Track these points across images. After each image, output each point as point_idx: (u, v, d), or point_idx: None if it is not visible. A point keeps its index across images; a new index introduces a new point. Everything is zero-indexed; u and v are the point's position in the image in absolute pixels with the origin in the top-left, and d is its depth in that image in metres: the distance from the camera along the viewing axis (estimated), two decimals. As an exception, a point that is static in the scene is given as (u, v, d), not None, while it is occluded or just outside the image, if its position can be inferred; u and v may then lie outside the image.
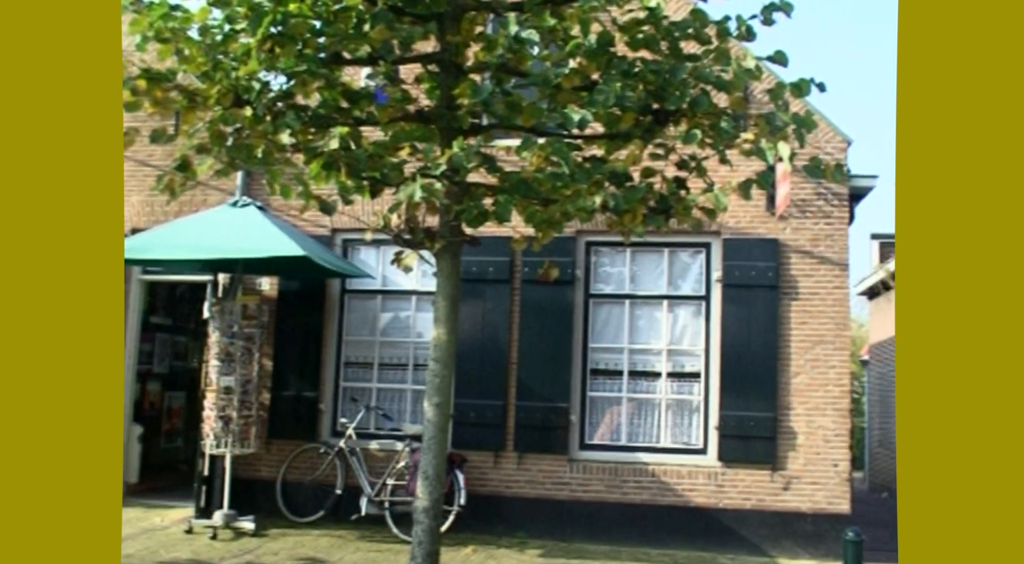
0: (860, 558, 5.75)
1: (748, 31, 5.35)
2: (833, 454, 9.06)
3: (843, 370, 9.23)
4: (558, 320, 9.51)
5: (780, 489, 9.03)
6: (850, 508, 9.07)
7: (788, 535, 8.96)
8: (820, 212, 9.35)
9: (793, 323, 9.21)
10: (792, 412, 9.10)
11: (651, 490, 9.17)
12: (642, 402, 9.56)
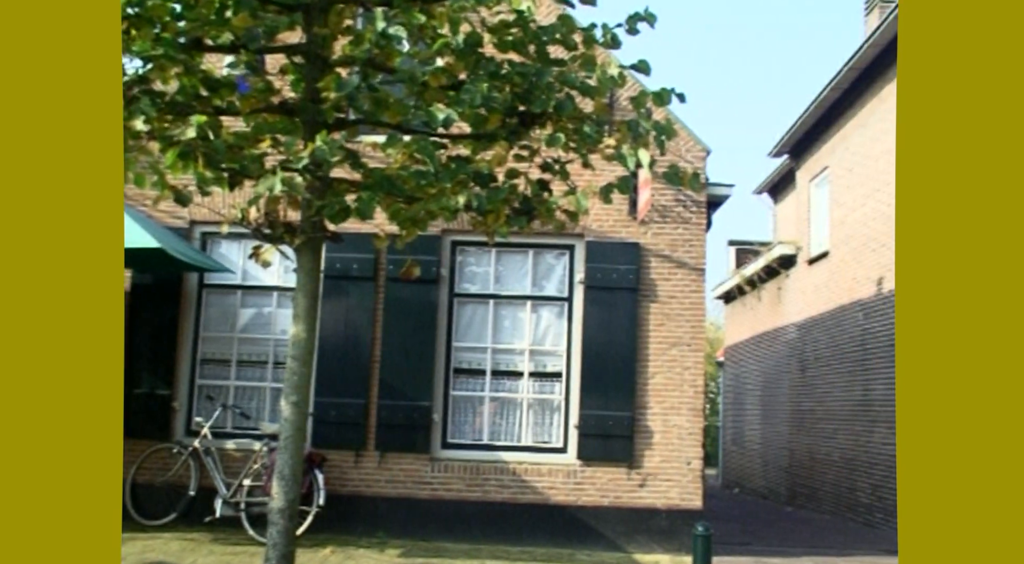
0: (709, 552, 5.97)
1: (613, 39, 5.46)
2: (687, 452, 9.38)
3: (698, 371, 9.56)
4: (422, 319, 9.48)
5: (636, 486, 9.28)
6: (702, 504, 9.40)
7: (643, 531, 9.22)
8: (679, 218, 9.66)
9: (651, 325, 9.48)
10: (649, 411, 9.37)
11: (512, 489, 9.26)
12: (504, 401, 9.65)
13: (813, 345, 15.76)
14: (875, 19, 14.38)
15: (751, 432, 20.06)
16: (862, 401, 13.32)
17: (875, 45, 12.62)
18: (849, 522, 13.34)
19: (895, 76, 12.55)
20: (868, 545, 10.69)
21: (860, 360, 13.51)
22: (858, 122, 14.05)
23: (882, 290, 12.81)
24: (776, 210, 20.81)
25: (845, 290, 14.30)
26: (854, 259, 13.98)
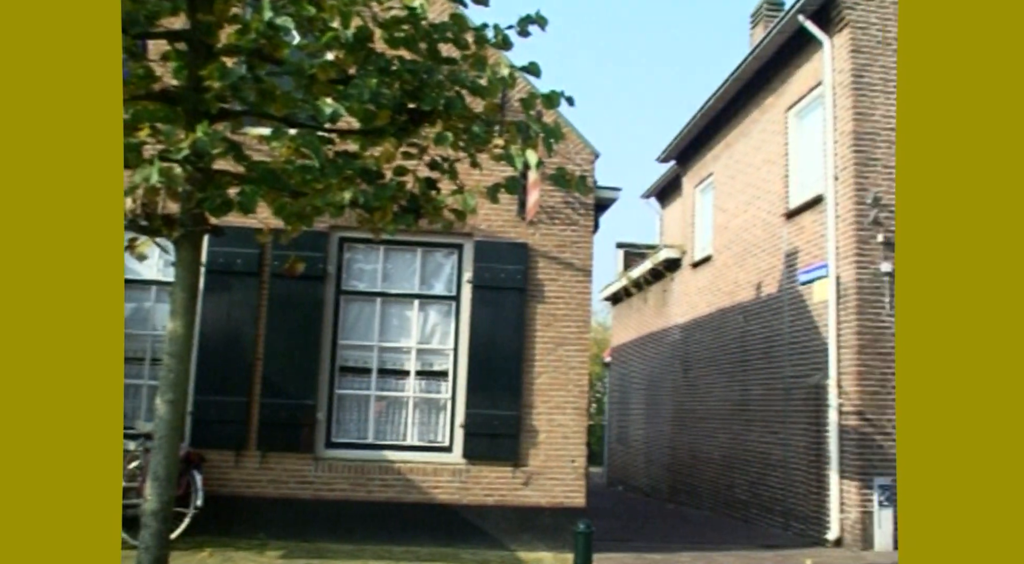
0: (589, 548, 6.06)
1: (505, 40, 5.48)
2: (571, 451, 9.50)
3: (583, 371, 9.70)
4: (308, 316, 9.33)
5: (521, 485, 9.35)
6: (585, 501, 9.54)
7: (528, 529, 9.29)
8: (567, 219, 9.79)
9: (538, 325, 9.58)
10: (535, 411, 9.45)
11: (396, 488, 9.20)
12: (390, 400, 9.58)
13: (696, 346, 16.20)
14: (760, 32, 14.89)
15: (635, 431, 20.47)
16: (740, 401, 13.77)
17: (759, 58, 13.05)
18: (727, 518, 13.76)
19: (776, 88, 13.03)
20: (745, 540, 11.05)
21: (739, 361, 13.96)
22: (741, 131, 14.52)
23: (761, 294, 13.28)
24: (663, 214, 21.30)
25: (726, 293, 14.76)
26: (735, 263, 14.44)
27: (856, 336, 10.35)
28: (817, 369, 11.13)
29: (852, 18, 10.85)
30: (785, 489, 11.93)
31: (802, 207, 11.98)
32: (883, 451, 10.21)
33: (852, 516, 10.21)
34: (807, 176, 12.20)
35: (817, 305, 11.29)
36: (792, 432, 11.81)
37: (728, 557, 9.58)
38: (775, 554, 9.91)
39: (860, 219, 10.50)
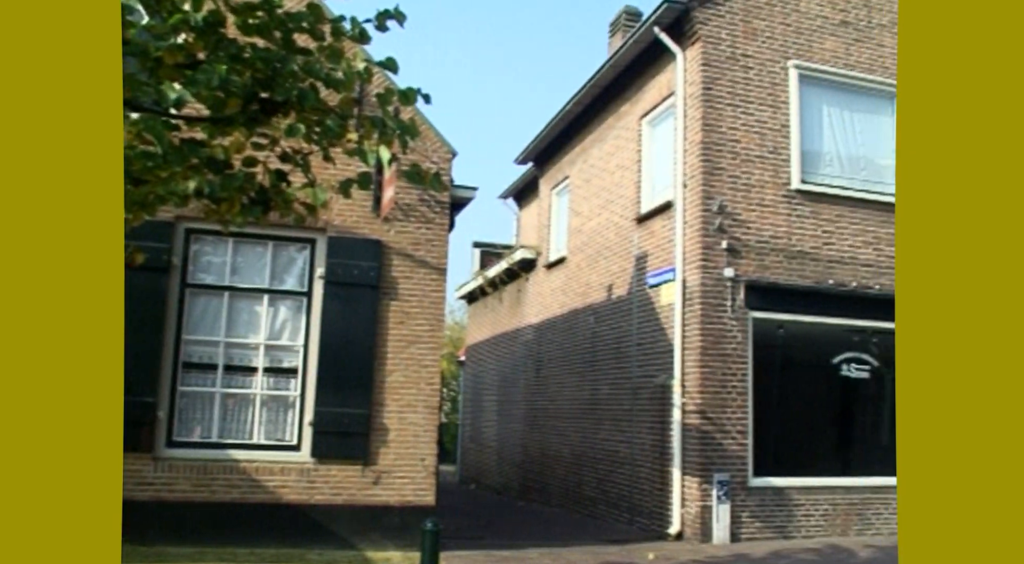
0: (436, 547, 6.06)
1: (362, 34, 5.40)
2: (422, 449, 9.48)
3: (435, 369, 9.70)
4: (149, 309, 8.93)
5: (371, 484, 9.26)
6: (436, 500, 9.54)
7: (377, 528, 9.21)
8: (423, 217, 9.76)
9: (391, 323, 9.51)
10: (385, 409, 9.38)
11: (241, 488, 8.94)
12: (237, 398, 9.30)
13: (548, 346, 16.46)
14: (618, 41, 15.27)
15: (488, 429, 20.62)
16: (590, 400, 14.09)
17: (615, 66, 13.38)
18: (575, 514, 14.04)
19: (631, 96, 13.39)
20: (591, 536, 11.30)
21: (589, 361, 14.28)
22: (596, 137, 14.85)
23: (612, 296, 13.62)
24: (520, 215, 21.54)
25: (579, 294, 15.07)
26: (588, 265, 14.76)
27: (700, 338, 10.77)
28: (663, 369, 11.51)
29: (704, 33, 11.28)
30: (631, 485, 12.29)
31: (653, 212, 12.36)
32: (722, 448, 10.66)
33: (692, 511, 10.61)
34: (658, 182, 12.61)
35: (664, 307, 11.68)
36: (638, 430, 12.18)
37: (575, 552, 9.77)
38: (620, 548, 10.18)
39: (706, 226, 10.93)
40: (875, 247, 11.84)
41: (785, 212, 11.37)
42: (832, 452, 15.73)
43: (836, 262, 11.55)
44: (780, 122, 11.54)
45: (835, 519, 11.21)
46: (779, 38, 11.72)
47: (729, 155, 11.18)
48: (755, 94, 11.45)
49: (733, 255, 10.99)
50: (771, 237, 11.24)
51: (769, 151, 11.41)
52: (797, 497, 11.06)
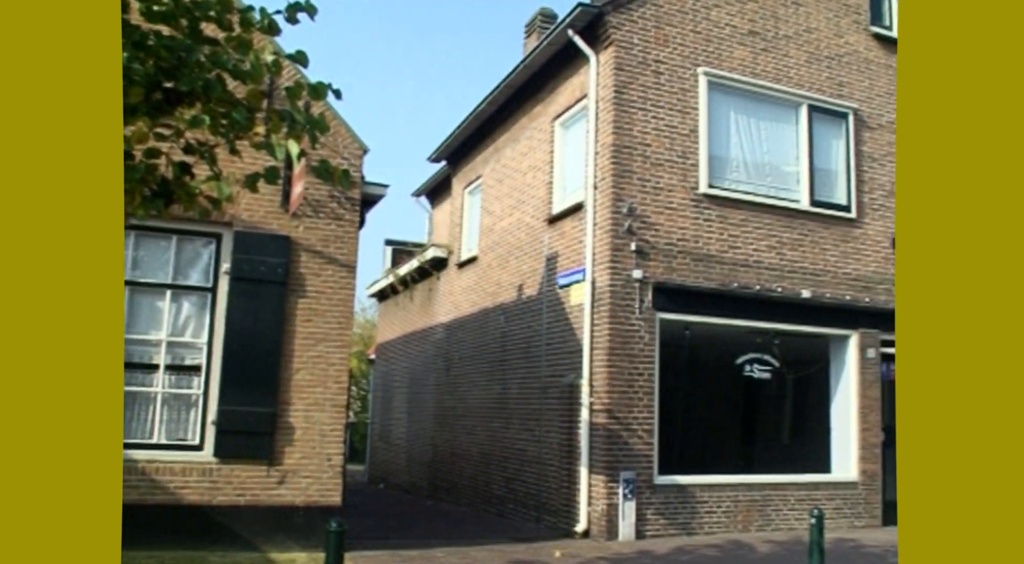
0: (341, 547, 5.97)
1: (271, 25, 5.31)
2: (329, 448, 9.36)
3: (343, 367, 9.58)
4: (45, 304, 8.58)
5: (275, 484, 9.10)
6: (342, 500, 9.42)
7: (282, 529, 9.05)
8: (332, 214, 9.63)
9: (299, 320, 9.36)
10: (291, 408, 9.23)
11: (140, 489, 8.67)
12: (136, 396, 9.01)
13: (459, 345, 16.45)
14: (533, 42, 15.35)
15: (398, 428, 20.50)
16: (500, 399, 14.13)
17: (529, 67, 13.44)
18: (484, 513, 14.06)
19: (545, 97, 13.48)
20: (499, 534, 11.33)
21: (499, 361, 14.33)
22: (510, 137, 14.91)
23: (522, 296, 13.69)
24: (433, 214, 21.48)
25: (490, 294, 15.10)
26: (499, 265, 14.81)
27: (608, 338, 10.91)
28: (572, 369, 11.63)
29: (617, 37, 11.43)
30: (539, 484, 12.37)
31: (564, 213, 12.47)
32: (629, 447, 10.82)
33: (599, 508, 10.74)
34: (570, 184, 12.72)
35: (574, 308, 11.79)
36: (547, 429, 12.27)
37: (482, 551, 9.78)
38: (526, 547, 10.24)
39: (616, 227, 11.08)
40: (778, 251, 12.18)
41: (693, 216, 11.61)
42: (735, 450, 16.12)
43: (741, 265, 11.85)
44: (689, 127, 11.77)
45: (736, 516, 11.50)
46: (690, 45, 11.95)
47: (639, 158, 11.35)
48: (666, 99, 11.66)
49: (642, 257, 11.17)
50: (679, 240, 11.46)
51: (678, 155, 11.62)
52: (700, 494, 11.30)
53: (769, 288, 12.03)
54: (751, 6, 12.57)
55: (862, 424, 12.74)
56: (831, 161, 13.06)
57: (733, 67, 12.23)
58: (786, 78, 12.68)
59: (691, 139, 11.76)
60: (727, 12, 12.34)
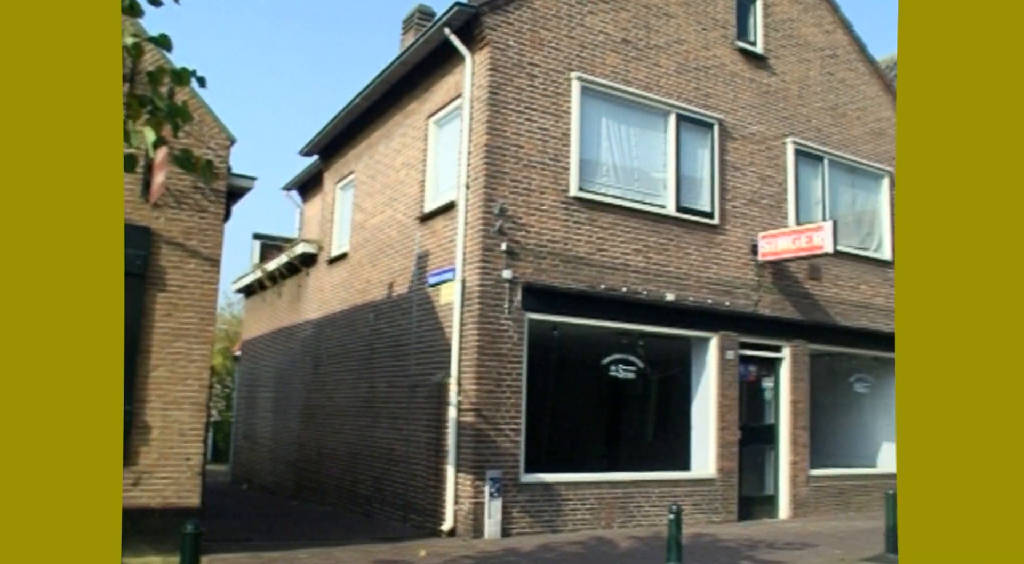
0: (196, 550, 5.79)
1: (133, 6, 5.10)
2: (188, 448, 9.06)
3: (204, 364, 9.28)
4: None
5: (130, 485, 8.73)
6: (201, 501, 9.13)
7: (136, 532, 8.69)
8: (196, 205, 9.32)
9: (158, 315, 9.02)
10: (148, 406, 8.88)
11: (-21, 492, 8.17)
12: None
13: (327, 343, 16.20)
14: (410, 39, 15.25)
15: (263, 427, 20.01)
16: (368, 397, 13.99)
17: (405, 63, 13.36)
18: (350, 513, 13.89)
19: (420, 95, 13.43)
20: (365, 534, 11.22)
21: (368, 359, 14.18)
22: (383, 133, 14.78)
23: (392, 294, 13.60)
24: (304, 208, 21.07)
25: (360, 291, 14.93)
26: (370, 262, 14.66)
27: (477, 337, 10.96)
28: (440, 367, 11.62)
29: (493, 38, 11.49)
30: (406, 483, 12.31)
31: (436, 212, 12.45)
32: (496, 446, 10.90)
33: (465, 507, 10.77)
34: (443, 183, 12.72)
35: (443, 307, 11.79)
36: (415, 428, 12.22)
37: (346, 551, 9.67)
38: (392, 546, 10.17)
39: (487, 227, 11.14)
40: (644, 255, 12.51)
41: (563, 218, 11.79)
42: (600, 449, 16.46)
43: (609, 268, 12.11)
44: (562, 131, 11.95)
45: (600, 513, 11.74)
46: (564, 50, 12.13)
47: (512, 160, 11.45)
48: (539, 102, 11.80)
49: (512, 257, 11.26)
50: (549, 241, 11.61)
51: (550, 158, 11.78)
52: (565, 492, 11.48)
53: (635, 290, 12.34)
54: (624, 15, 12.86)
55: (720, 423, 13.22)
56: (697, 169, 13.50)
57: (606, 73, 12.48)
58: (656, 87, 13.03)
59: (563, 142, 11.94)
60: (601, 19, 12.59)
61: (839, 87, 15.99)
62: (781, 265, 14.15)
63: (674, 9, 13.52)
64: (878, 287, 15.95)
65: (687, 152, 13.36)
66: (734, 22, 14.36)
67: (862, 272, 15.72)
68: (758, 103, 14.49)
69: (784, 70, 15.06)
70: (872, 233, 16.30)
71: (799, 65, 15.34)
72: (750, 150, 14.21)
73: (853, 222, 15.93)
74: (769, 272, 14.08)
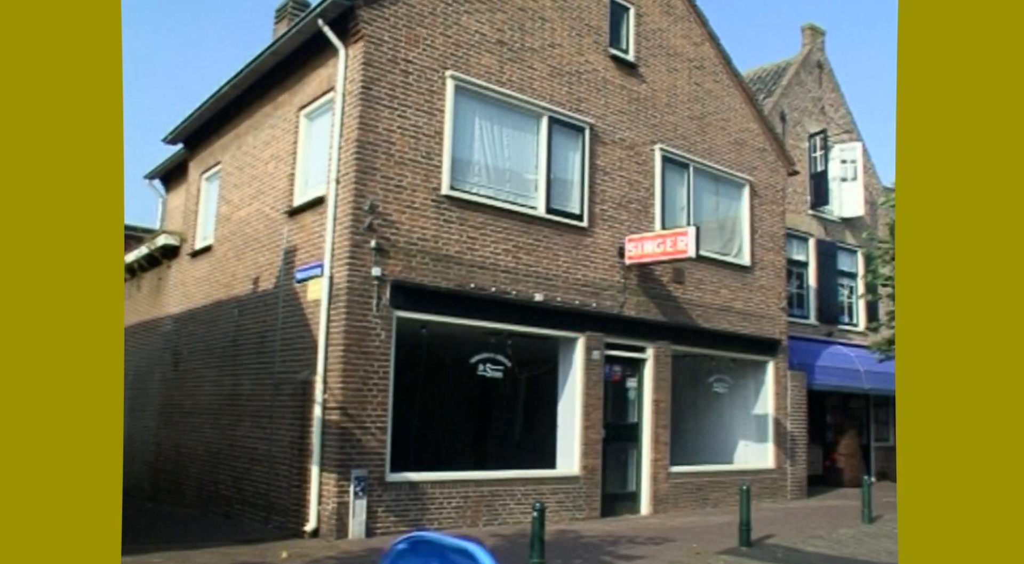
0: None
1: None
2: (32, 448, 8.58)
3: (52, 360, 8.82)
4: None
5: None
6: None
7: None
8: (46, 193, 8.85)
9: None
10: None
11: None
12: None
13: (189, 339, 15.67)
14: (284, 27, 14.92)
15: (118, 426, 19.18)
16: (231, 395, 13.60)
17: (277, 53, 13.05)
18: (211, 515, 13.47)
19: (291, 86, 13.15)
20: (225, 536, 10.91)
21: (231, 355, 13.79)
22: (252, 123, 14.39)
23: (258, 289, 13.27)
24: (167, 198, 20.32)
25: (224, 286, 14.50)
26: (235, 256, 14.26)
27: (344, 335, 10.82)
28: (306, 365, 11.42)
29: (368, 32, 11.36)
30: (268, 483, 12.03)
31: (305, 206, 12.22)
32: (361, 445, 10.78)
33: (329, 507, 10.62)
34: (313, 177, 12.49)
35: (311, 303, 11.58)
36: (278, 427, 11.96)
37: (204, 555, 9.39)
38: (253, 548, 9.94)
39: (356, 224, 11.00)
40: (514, 255, 12.63)
41: (434, 216, 11.77)
42: (467, 447, 16.53)
43: (479, 267, 12.16)
44: (435, 129, 11.92)
45: (466, 511, 11.78)
46: (439, 48, 12.11)
47: (384, 156, 11.35)
48: (413, 99, 11.74)
49: (381, 255, 11.17)
50: (419, 239, 11.57)
51: (423, 156, 11.74)
52: (432, 491, 11.47)
53: (504, 290, 12.44)
54: (500, 16, 12.94)
55: (585, 422, 13.48)
56: (567, 172, 13.72)
57: (480, 74, 12.53)
58: (530, 89, 13.17)
59: (436, 140, 11.92)
60: (477, 20, 12.63)
61: (705, 97, 16.55)
62: (647, 268, 14.54)
63: (549, 13, 13.70)
64: (738, 291, 16.59)
65: (558, 155, 13.56)
66: (607, 29, 14.66)
67: (723, 276, 16.32)
68: (628, 109, 14.84)
69: (654, 78, 15.47)
70: (733, 239, 16.94)
71: (668, 74, 15.80)
72: (619, 155, 14.54)
73: (716, 228, 16.53)
74: (635, 274, 14.44)
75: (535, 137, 13.28)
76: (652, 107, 15.32)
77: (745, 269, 16.87)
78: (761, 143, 17.73)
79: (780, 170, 18.21)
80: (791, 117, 22.20)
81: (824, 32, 23.97)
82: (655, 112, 15.37)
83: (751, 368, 17.33)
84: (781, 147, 18.32)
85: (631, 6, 15.23)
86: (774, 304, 17.51)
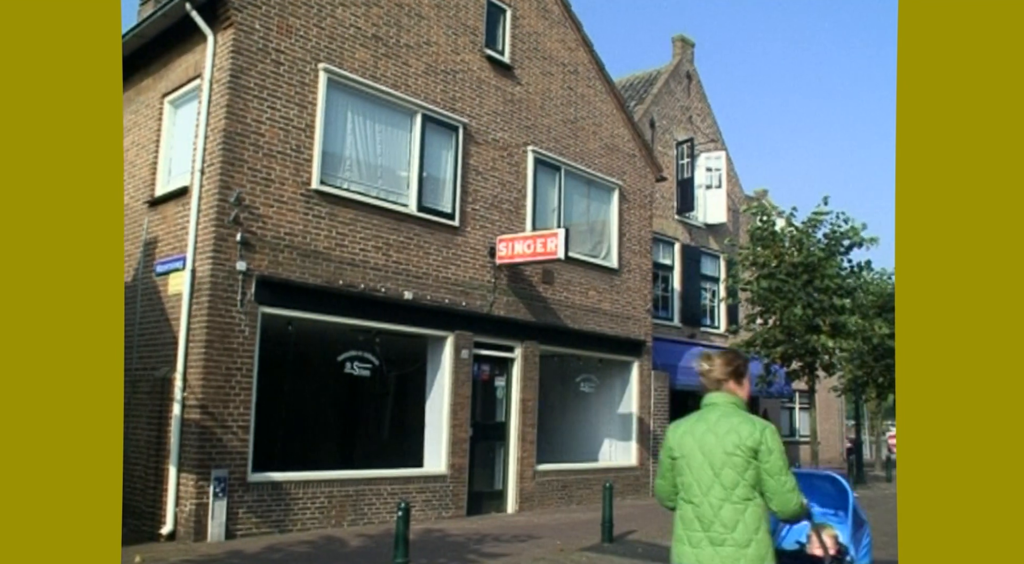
0: None
1: None
2: None
3: None
4: None
5: None
6: None
7: None
8: None
9: None
10: None
11: None
12: None
13: None
14: (149, 9, 14.32)
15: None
16: None
17: (141, 36, 12.52)
18: None
19: (156, 71, 12.66)
20: (69, 540, 10.39)
21: None
22: (113, 109, 13.76)
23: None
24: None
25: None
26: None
27: (206, 331, 10.48)
28: (165, 362, 11.01)
29: (238, 19, 11.04)
30: (123, 484, 11.54)
31: (167, 197, 11.79)
32: (222, 444, 10.47)
33: (188, 509, 10.27)
34: (176, 166, 12.06)
35: (171, 297, 11.18)
36: (135, 426, 11.48)
37: None
38: (101, 553, 9.49)
39: (221, 216, 10.68)
40: (385, 252, 12.52)
41: (303, 211, 11.55)
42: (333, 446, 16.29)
43: (348, 263, 12.01)
44: (306, 122, 11.70)
45: (331, 511, 11.61)
46: (313, 40, 11.89)
47: (252, 147, 11.06)
48: (283, 90, 11.48)
49: (247, 249, 10.88)
50: (287, 234, 11.33)
51: (292, 149, 11.50)
52: (295, 491, 11.25)
53: (374, 288, 12.32)
54: (376, 11, 12.81)
55: (453, 420, 13.49)
56: (440, 170, 13.71)
57: (354, 68, 12.37)
58: (404, 86, 13.09)
59: (307, 134, 11.70)
60: (352, 13, 12.46)
61: (578, 102, 16.84)
62: (517, 268, 14.68)
63: (426, 11, 13.65)
64: (606, 293, 16.95)
65: (431, 153, 13.53)
66: (483, 30, 14.73)
67: (592, 278, 16.64)
68: (502, 110, 14.95)
69: (528, 81, 15.64)
70: (602, 242, 17.30)
71: (542, 77, 16.00)
72: (493, 156, 14.63)
73: (586, 230, 16.84)
74: (505, 274, 14.56)
75: (408, 134, 13.21)
76: (526, 109, 15.49)
77: (613, 271, 17.25)
78: (631, 149, 18.17)
79: (648, 176, 18.71)
80: (660, 124, 22.85)
81: (694, 43, 24.78)
82: (529, 114, 15.53)
83: (617, 368, 17.73)
84: (650, 153, 18.83)
85: (508, 8, 15.35)
86: (640, 306, 17.98)
